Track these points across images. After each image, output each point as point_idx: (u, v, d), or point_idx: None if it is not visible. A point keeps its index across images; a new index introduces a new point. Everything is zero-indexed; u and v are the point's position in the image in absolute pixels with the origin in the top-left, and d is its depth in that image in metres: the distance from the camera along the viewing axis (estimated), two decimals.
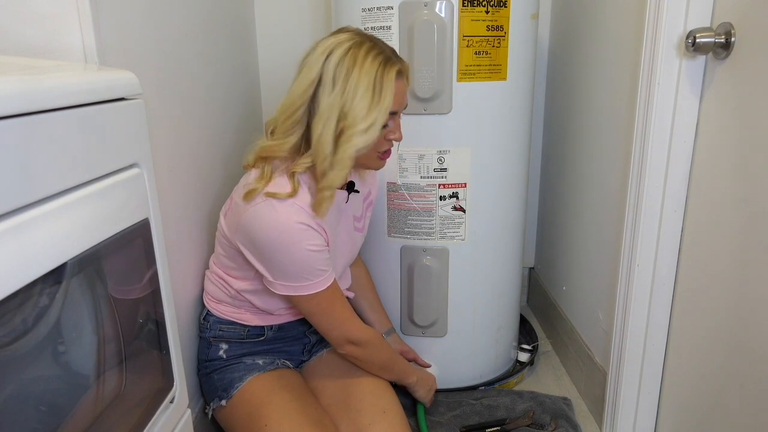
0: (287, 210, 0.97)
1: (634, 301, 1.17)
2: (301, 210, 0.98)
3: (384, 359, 1.19)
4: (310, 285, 1.02)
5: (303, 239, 0.98)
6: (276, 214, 0.97)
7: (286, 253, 0.99)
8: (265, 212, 0.97)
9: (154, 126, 0.98)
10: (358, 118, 0.93)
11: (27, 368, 0.53)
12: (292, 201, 0.98)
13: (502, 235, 1.41)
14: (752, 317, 0.89)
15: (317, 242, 1.00)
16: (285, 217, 0.97)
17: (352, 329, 1.11)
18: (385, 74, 0.95)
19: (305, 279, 1.02)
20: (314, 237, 1.00)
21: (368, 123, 0.94)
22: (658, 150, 1.07)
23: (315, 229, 1.00)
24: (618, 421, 1.26)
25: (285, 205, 0.97)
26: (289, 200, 0.97)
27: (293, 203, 0.98)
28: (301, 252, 0.99)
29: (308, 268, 1.01)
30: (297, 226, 0.97)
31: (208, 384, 1.15)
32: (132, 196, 0.68)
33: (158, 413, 0.75)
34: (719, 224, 0.97)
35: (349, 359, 1.15)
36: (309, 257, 1.00)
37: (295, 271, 1.01)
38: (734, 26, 0.91)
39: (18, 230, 0.49)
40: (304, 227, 0.98)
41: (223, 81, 1.38)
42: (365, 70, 0.94)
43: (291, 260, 0.99)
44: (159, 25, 1.04)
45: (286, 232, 0.97)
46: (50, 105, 0.54)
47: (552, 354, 1.71)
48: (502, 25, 1.23)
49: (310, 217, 0.99)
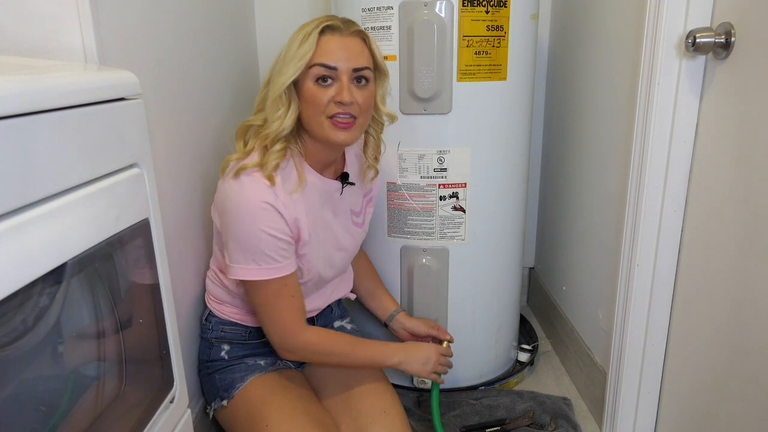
0: (253, 186, 0.98)
1: (634, 301, 1.17)
2: (268, 189, 0.99)
3: (337, 356, 1.12)
4: (257, 270, 1.01)
5: (261, 218, 0.98)
6: (242, 189, 0.99)
7: (241, 228, 0.99)
8: (234, 187, 0.99)
9: (154, 126, 0.99)
10: (280, 64, 1.01)
11: (27, 368, 0.53)
12: (260, 176, 0.99)
13: (502, 235, 1.41)
14: (752, 317, 0.89)
15: (276, 226, 0.99)
16: (249, 192, 0.98)
17: (287, 335, 1.07)
18: (313, 29, 0.99)
19: (253, 261, 1.01)
20: (274, 219, 0.99)
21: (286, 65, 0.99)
22: (658, 150, 1.07)
23: (279, 211, 0.99)
24: (618, 421, 1.26)
25: (253, 181, 0.99)
26: (257, 174, 0.99)
27: (261, 180, 0.99)
28: (255, 231, 0.99)
29: (258, 250, 1.00)
30: (259, 204, 0.98)
31: (210, 384, 1.15)
32: (132, 196, 0.68)
33: (158, 413, 0.75)
34: (719, 224, 0.97)
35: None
36: (262, 239, 0.99)
37: (245, 249, 1.00)
38: (734, 26, 0.91)
39: (18, 230, 0.49)
40: (265, 206, 0.98)
41: (223, 81, 1.38)
42: (300, 29, 1.01)
43: (245, 237, 1.00)
44: (159, 25, 1.04)
45: (246, 207, 0.98)
46: (50, 105, 0.54)
47: (552, 354, 1.71)
48: (502, 25, 1.23)
49: (276, 198, 0.99)
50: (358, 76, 1.01)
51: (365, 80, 1.02)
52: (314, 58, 0.99)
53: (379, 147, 1.17)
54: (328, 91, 0.99)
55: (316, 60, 0.98)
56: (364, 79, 1.02)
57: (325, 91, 0.99)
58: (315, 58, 0.99)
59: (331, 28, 1.00)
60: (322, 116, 1.00)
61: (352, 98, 0.99)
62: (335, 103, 0.99)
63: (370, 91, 1.04)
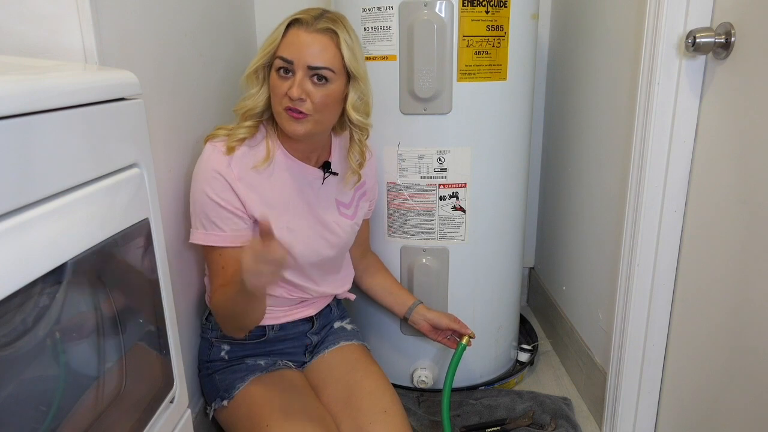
0: (211, 153, 1.04)
1: (634, 301, 1.17)
2: (223, 158, 1.03)
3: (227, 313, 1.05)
4: (204, 234, 1.05)
5: (210, 184, 1.03)
6: (202, 155, 1.05)
7: (194, 191, 1.05)
8: (200, 154, 1.06)
9: (154, 126, 0.99)
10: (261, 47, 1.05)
11: (27, 368, 0.53)
12: (222, 145, 1.04)
13: (502, 235, 1.41)
14: (752, 317, 0.89)
15: (222, 195, 1.03)
16: (206, 158, 1.04)
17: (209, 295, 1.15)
18: (285, 20, 1.03)
19: (201, 226, 1.05)
20: (222, 188, 1.03)
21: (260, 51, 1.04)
22: (658, 150, 1.07)
23: (228, 182, 1.03)
24: (618, 421, 1.26)
25: (213, 149, 1.04)
26: (219, 144, 1.04)
27: (220, 149, 1.04)
28: (202, 195, 1.03)
29: (203, 214, 1.04)
30: (210, 171, 1.03)
31: (210, 384, 1.15)
32: (132, 196, 0.68)
33: (158, 413, 0.75)
34: (719, 224, 0.97)
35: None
36: (206, 203, 1.03)
37: (197, 213, 1.06)
38: (734, 26, 0.91)
39: (18, 230, 0.49)
40: (215, 174, 1.03)
41: (224, 80, 1.38)
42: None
43: (196, 200, 1.05)
44: (159, 25, 1.04)
45: (200, 172, 1.04)
46: (50, 105, 0.54)
47: (552, 354, 1.71)
48: (502, 25, 1.23)
49: (228, 168, 1.03)
50: (315, 74, 1.01)
51: (325, 79, 1.01)
52: (278, 49, 1.02)
53: (364, 153, 1.15)
54: (285, 83, 1.01)
55: (278, 52, 1.02)
56: (324, 78, 1.01)
57: (283, 83, 1.01)
58: (278, 50, 1.02)
59: (299, 22, 1.02)
60: (279, 106, 1.03)
61: (301, 94, 1.00)
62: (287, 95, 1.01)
63: (330, 91, 1.02)
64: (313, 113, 1.01)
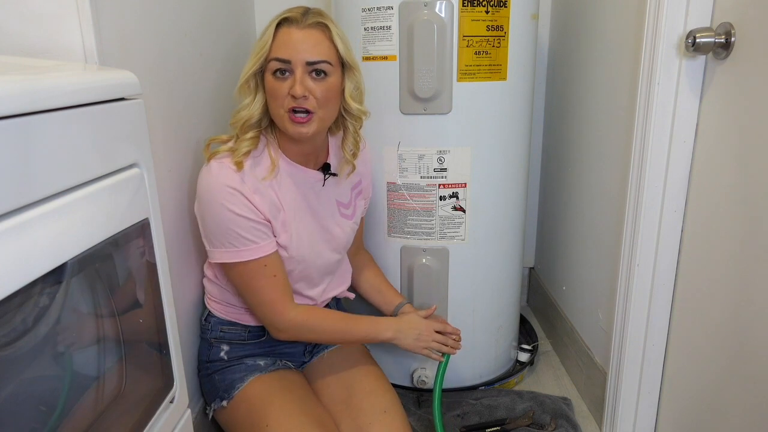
0: (220, 171, 1.02)
1: (634, 301, 1.17)
2: (234, 175, 1.01)
3: (329, 333, 1.14)
4: (236, 252, 1.04)
5: (229, 201, 1.01)
6: (210, 174, 1.02)
7: (215, 212, 1.02)
8: (204, 173, 1.04)
9: (154, 126, 0.99)
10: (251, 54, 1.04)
11: (27, 368, 0.53)
12: (229, 162, 1.02)
13: (502, 235, 1.41)
14: (752, 317, 0.89)
15: (248, 209, 1.02)
16: (216, 176, 1.01)
17: (275, 314, 1.08)
18: (272, 22, 1.02)
19: (230, 244, 1.03)
20: (242, 202, 1.02)
21: (251, 57, 1.03)
22: (658, 150, 1.07)
23: (245, 195, 1.01)
24: (618, 421, 1.26)
25: (221, 167, 1.02)
26: (226, 160, 1.02)
27: (229, 166, 1.02)
28: (227, 213, 1.01)
29: (232, 232, 1.02)
30: (225, 188, 1.01)
31: (209, 385, 1.15)
32: (132, 196, 0.68)
33: (158, 413, 0.75)
34: (719, 224, 0.97)
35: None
36: (233, 220, 1.01)
37: (223, 233, 1.03)
38: (734, 26, 0.91)
39: (18, 230, 0.49)
40: (231, 190, 1.01)
41: (224, 80, 1.38)
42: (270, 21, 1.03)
43: (220, 221, 1.02)
44: (159, 25, 1.04)
45: (215, 192, 1.01)
46: (50, 105, 0.54)
47: (552, 354, 1.71)
48: (502, 25, 1.23)
49: (242, 183, 1.02)
50: (314, 69, 1.01)
51: (323, 73, 1.01)
52: (271, 51, 1.01)
53: (358, 143, 1.15)
54: (284, 84, 1.00)
55: (272, 54, 1.01)
56: (323, 72, 1.01)
57: (282, 84, 1.00)
58: (271, 52, 1.01)
59: (288, 21, 1.01)
60: (281, 109, 1.02)
61: (304, 91, 0.99)
62: (290, 96, 1.00)
63: (330, 84, 1.02)
64: (317, 109, 1.01)
